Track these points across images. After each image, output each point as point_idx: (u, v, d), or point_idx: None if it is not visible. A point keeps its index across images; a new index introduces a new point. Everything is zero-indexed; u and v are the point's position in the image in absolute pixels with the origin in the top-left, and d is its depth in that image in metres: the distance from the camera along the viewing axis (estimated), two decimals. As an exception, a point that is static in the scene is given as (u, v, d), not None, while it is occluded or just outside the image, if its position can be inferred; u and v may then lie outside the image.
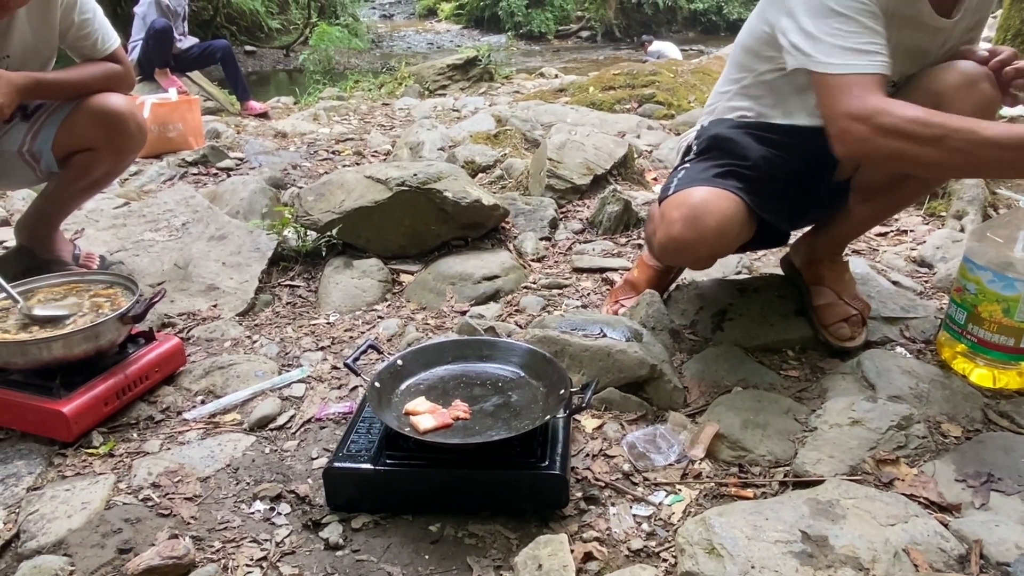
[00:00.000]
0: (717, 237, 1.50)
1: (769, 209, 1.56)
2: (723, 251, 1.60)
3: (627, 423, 1.55)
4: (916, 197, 1.75)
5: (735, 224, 1.50)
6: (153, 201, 2.78)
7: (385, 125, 4.74)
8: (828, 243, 1.86)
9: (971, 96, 1.45)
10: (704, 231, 1.48)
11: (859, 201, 1.71)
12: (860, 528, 1.12)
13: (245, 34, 11.57)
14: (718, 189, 1.50)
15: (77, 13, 1.98)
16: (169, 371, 1.77)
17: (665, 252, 1.61)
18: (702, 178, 1.55)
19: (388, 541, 1.25)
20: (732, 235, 1.52)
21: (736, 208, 1.50)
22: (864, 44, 1.38)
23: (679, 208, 1.51)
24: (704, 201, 1.49)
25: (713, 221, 1.47)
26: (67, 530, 1.27)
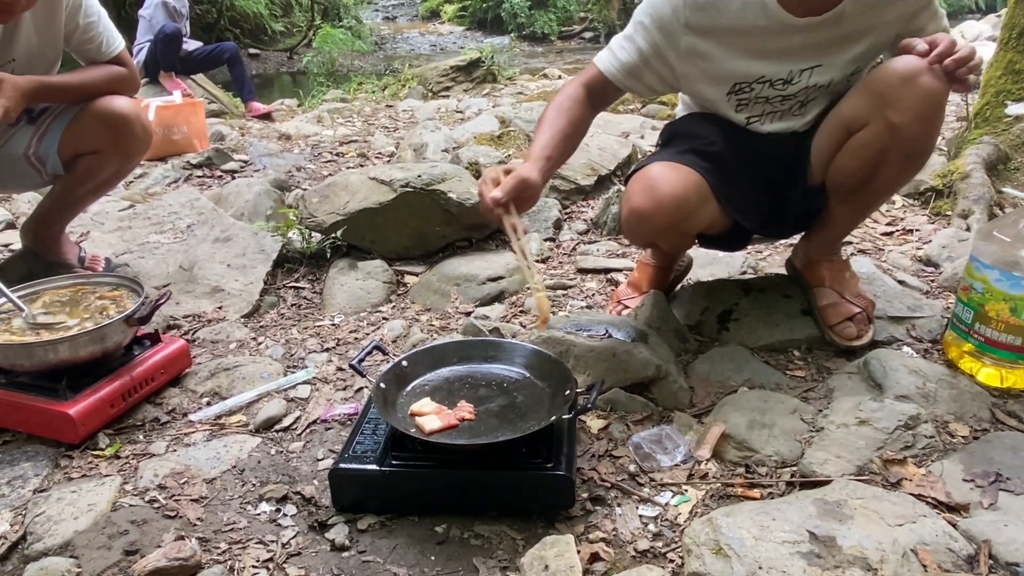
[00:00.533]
0: (673, 205, 1.54)
1: (732, 199, 1.60)
2: (684, 222, 1.61)
3: (633, 424, 1.55)
4: (889, 193, 1.75)
5: (692, 195, 1.55)
6: (158, 204, 2.78)
7: (389, 127, 4.74)
8: (821, 244, 1.86)
9: (913, 91, 1.44)
10: (660, 198, 1.53)
11: (838, 203, 1.72)
12: (868, 528, 1.12)
13: (249, 37, 11.58)
14: (674, 163, 1.57)
15: (82, 16, 1.99)
16: (175, 373, 1.77)
17: (628, 227, 1.67)
18: (661, 156, 1.62)
19: (394, 542, 1.25)
20: (690, 205, 1.56)
21: (691, 178, 1.55)
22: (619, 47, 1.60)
23: (638, 181, 1.58)
24: (660, 172, 1.56)
25: (667, 187, 1.53)
26: (73, 532, 1.27)
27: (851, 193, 1.65)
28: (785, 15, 1.48)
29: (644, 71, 1.60)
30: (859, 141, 1.55)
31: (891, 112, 1.47)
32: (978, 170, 2.56)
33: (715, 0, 1.49)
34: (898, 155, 1.53)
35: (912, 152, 1.55)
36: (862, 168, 1.58)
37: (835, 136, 1.59)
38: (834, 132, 1.60)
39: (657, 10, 1.53)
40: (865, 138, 1.53)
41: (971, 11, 15.36)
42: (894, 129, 1.48)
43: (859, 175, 1.60)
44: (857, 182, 1.61)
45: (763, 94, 1.60)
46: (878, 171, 1.57)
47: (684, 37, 1.54)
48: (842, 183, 1.64)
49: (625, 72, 1.60)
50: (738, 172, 1.62)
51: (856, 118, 1.54)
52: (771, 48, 1.53)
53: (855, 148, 1.56)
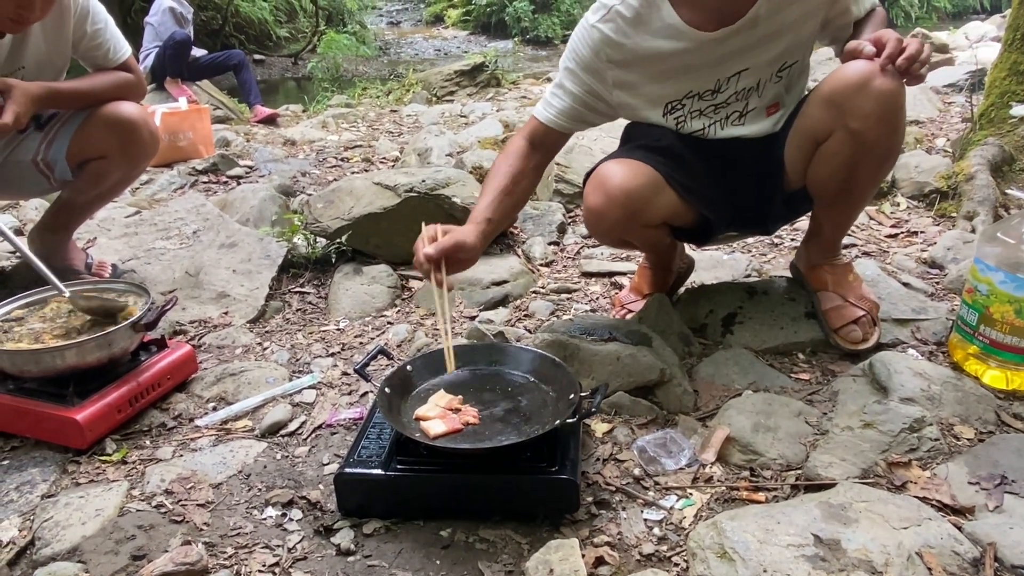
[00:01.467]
0: (624, 196, 1.55)
1: (687, 188, 1.61)
2: (640, 213, 1.61)
3: (637, 427, 1.55)
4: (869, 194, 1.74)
5: (641, 183, 1.56)
6: (164, 210, 2.80)
7: (393, 132, 4.76)
8: (817, 248, 1.86)
9: (869, 96, 1.44)
10: (610, 192, 1.56)
11: (823, 208, 1.73)
12: (873, 531, 1.11)
13: (254, 43, 11.63)
14: (623, 158, 1.61)
15: (89, 23, 2.00)
16: (181, 378, 1.78)
17: (589, 226, 1.71)
18: (612, 156, 1.66)
19: (399, 546, 1.25)
20: (642, 194, 1.57)
21: (640, 169, 1.57)
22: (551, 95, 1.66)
23: (590, 182, 1.63)
24: (609, 168, 1.59)
25: (617, 181, 1.55)
26: (81, 537, 1.28)
27: (833, 198, 1.67)
28: (698, 33, 1.50)
29: (582, 111, 1.66)
30: (827, 151, 1.56)
31: (851, 120, 1.48)
32: (983, 172, 2.56)
33: (629, 33, 1.54)
34: (867, 158, 1.54)
35: (880, 154, 1.56)
36: (835, 175, 1.59)
37: (803, 147, 1.61)
38: (801, 144, 1.61)
39: (579, 54, 1.61)
40: (832, 147, 1.55)
41: (976, 12, 15.32)
42: (857, 135, 1.49)
43: (834, 182, 1.61)
44: (835, 188, 1.63)
45: (695, 107, 1.63)
46: (852, 175, 1.58)
47: (609, 72, 1.59)
48: (821, 190, 1.66)
49: (565, 117, 1.66)
50: (696, 165, 1.64)
51: (819, 129, 1.55)
52: (694, 64, 1.56)
53: (824, 158, 1.58)
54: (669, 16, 1.51)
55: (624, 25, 1.54)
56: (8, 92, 1.82)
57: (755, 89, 1.61)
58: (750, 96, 1.62)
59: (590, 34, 1.58)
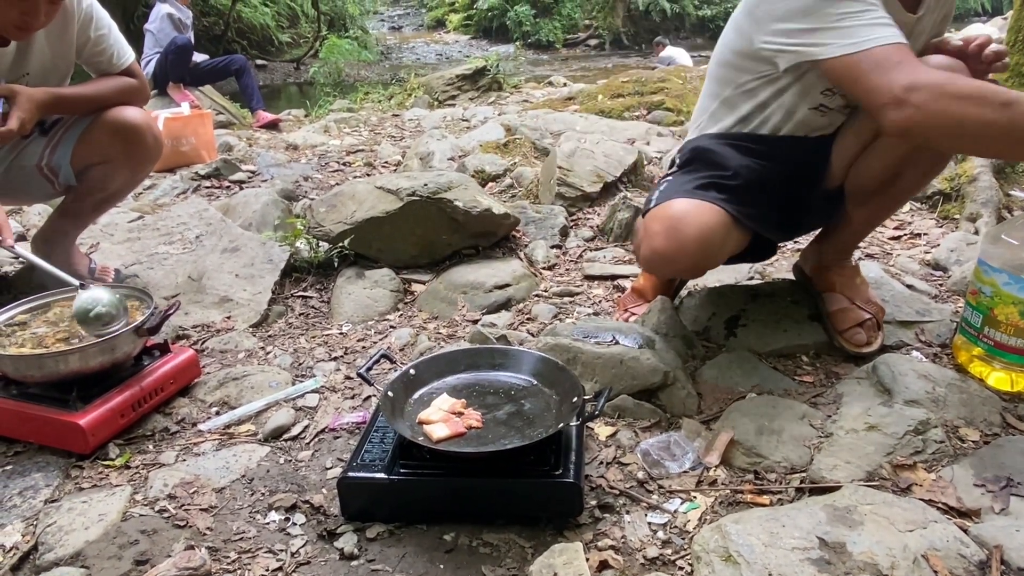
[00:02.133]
0: (698, 247, 1.51)
1: (755, 218, 1.57)
2: (707, 262, 1.61)
3: (641, 430, 1.54)
4: (912, 193, 1.73)
5: (716, 234, 1.51)
6: (167, 214, 2.80)
7: (395, 136, 4.76)
8: (834, 249, 1.86)
9: None
10: (684, 242, 1.50)
11: (856, 205, 1.71)
12: (878, 534, 1.11)
13: (256, 48, 11.67)
14: (698, 200, 1.52)
15: (93, 29, 2.01)
16: (184, 383, 1.78)
17: (649, 265, 1.64)
18: (683, 190, 1.56)
19: (403, 550, 1.25)
20: (714, 245, 1.53)
21: (717, 218, 1.51)
22: (880, 19, 1.36)
23: (660, 221, 1.53)
24: (684, 212, 1.51)
25: (693, 231, 1.49)
26: (84, 542, 1.28)
27: (871, 195, 1.65)
28: (904, 12, 1.47)
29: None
30: (887, 142, 1.55)
31: None
32: (986, 173, 2.56)
33: None
34: (921, 159, 1.55)
35: (934, 158, 1.57)
36: (887, 168, 1.58)
37: (862, 137, 1.59)
38: (861, 133, 1.59)
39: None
40: (892, 140, 1.53)
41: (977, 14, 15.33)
42: None
43: (883, 175, 1.60)
44: (880, 183, 1.61)
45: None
46: (903, 171, 1.58)
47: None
48: (864, 184, 1.64)
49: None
50: (759, 191, 1.59)
51: None
52: None
53: (883, 148, 1.56)
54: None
55: None
56: (13, 98, 1.83)
57: None
58: None
59: None
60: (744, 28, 1.55)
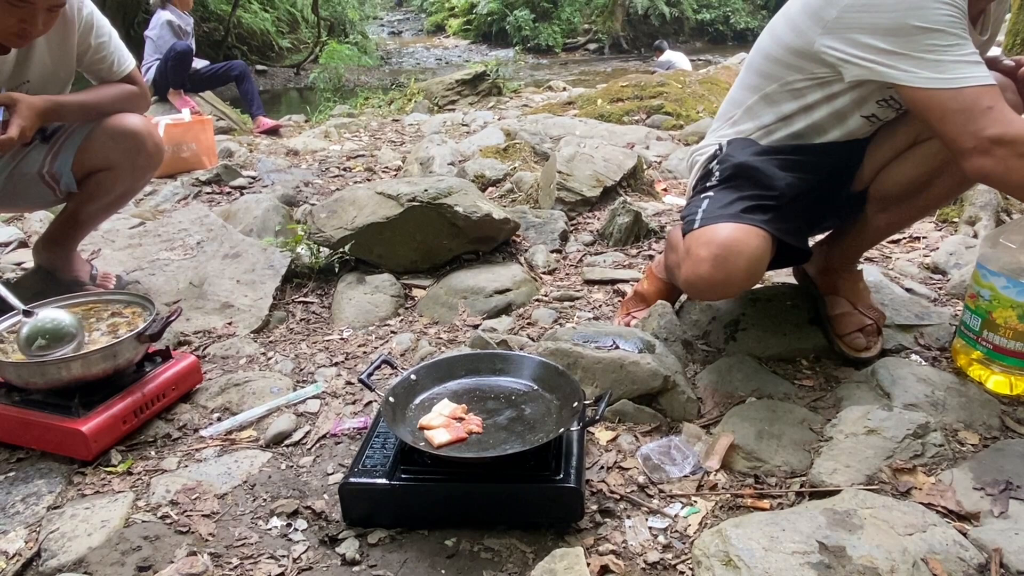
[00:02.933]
0: (747, 277, 1.48)
1: (791, 232, 1.54)
2: (751, 286, 1.62)
3: (641, 435, 1.55)
4: (936, 207, 1.72)
5: (764, 261, 1.49)
6: (168, 220, 2.81)
7: (395, 141, 4.77)
8: (844, 254, 1.85)
9: None
10: (734, 271, 1.44)
11: (876, 211, 1.70)
12: (878, 538, 1.11)
13: (256, 54, 11.69)
14: (747, 226, 1.45)
15: (93, 37, 2.02)
16: (186, 389, 1.78)
17: (693, 289, 1.57)
18: (729, 213, 1.50)
19: (404, 556, 1.25)
20: (761, 272, 1.53)
21: (765, 245, 1.46)
22: (970, 56, 1.34)
23: (707, 247, 1.46)
24: (734, 240, 1.44)
25: (744, 262, 1.44)
26: (87, 548, 1.28)
27: (895, 201, 1.64)
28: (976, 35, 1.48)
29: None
30: (923, 150, 1.55)
31: None
32: (984, 177, 2.56)
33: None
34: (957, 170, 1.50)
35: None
36: (920, 176, 1.57)
37: (898, 143, 1.58)
38: (898, 138, 1.58)
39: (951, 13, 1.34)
40: (930, 148, 1.53)
41: (976, 17, 15.34)
42: None
43: (914, 183, 1.59)
44: (908, 190, 1.61)
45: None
46: (934, 181, 1.57)
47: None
48: (891, 190, 1.63)
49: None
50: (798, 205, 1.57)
51: (925, 128, 1.51)
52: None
53: (919, 156, 1.56)
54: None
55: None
56: (13, 106, 1.84)
57: None
58: None
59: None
60: (803, 27, 1.50)
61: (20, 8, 1.75)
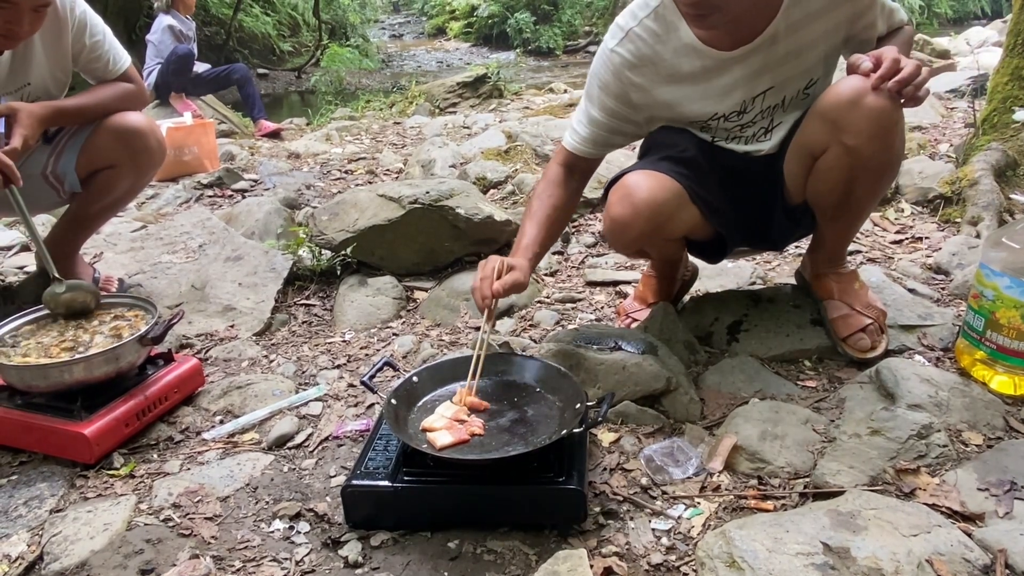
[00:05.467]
0: (650, 210, 1.56)
1: (707, 202, 1.62)
2: (664, 227, 1.62)
3: (644, 436, 1.55)
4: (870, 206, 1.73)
5: (668, 196, 1.57)
6: (170, 224, 2.81)
7: (397, 144, 4.78)
8: (823, 258, 1.86)
9: (861, 114, 1.44)
10: (637, 204, 1.56)
11: (825, 221, 1.72)
12: (882, 539, 1.11)
13: (257, 57, 11.69)
14: (648, 170, 1.60)
15: (88, 36, 2.03)
16: (188, 392, 1.78)
17: (611, 236, 1.70)
18: (637, 167, 1.64)
19: (407, 558, 1.25)
20: (668, 208, 1.58)
21: (666, 183, 1.57)
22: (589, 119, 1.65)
23: (615, 192, 1.61)
24: (635, 180, 1.59)
25: (644, 194, 1.55)
26: (90, 551, 1.28)
27: (834, 211, 1.67)
28: (717, 52, 1.51)
29: (608, 136, 1.67)
30: (824, 165, 1.56)
31: (845, 136, 1.47)
32: (987, 176, 2.56)
33: (649, 56, 1.55)
34: (863, 174, 1.54)
35: (876, 169, 1.55)
36: (834, 190, 1.59)
37: (801, 161, 1.61)
38: (799, 158, 1.61)
39: (602, 79, 1.61)
40: (828, 162, 1.55)
41: (977, 17, 15.36)
42: (852, 151, 1.49)
43: (833, 196, 1.61)
44: (834, 202, 1.63)
45: (722, 127, 1.63)
46: (850, 190, 1.58)
47: (633, 95, 1.60)
48: (821, 204, 1.66)
49: (591, 144, 1.68)
50: (713, 180, 1.65)
51: (815, 143, 1.55)
52: (717, 85, 1.56)
53: (822, 172, 1.58)
54: (687, 36, 1.51)
55: (643, 47, 1.55)
56: (14, 116, 1.84)
57: (780, 106, 1.61)
58: (775, 112, 1.62)
59: (610, 59, 1.59)
60: None
61: (4, 9, 1.74)
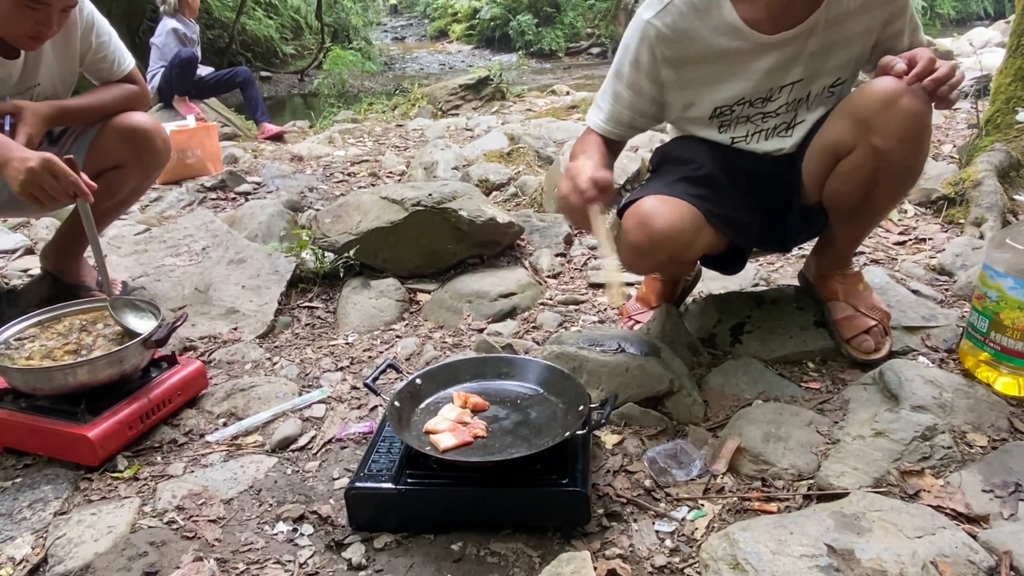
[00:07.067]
0: (669, 240, 1.52)
1: (724, 218, 1.58)
2: (682, 254, 1.60)
3: (647, 438, 1.54)
4: (888, 210, 1.74)
5: (686, 226, 1.52)
6: (173, 227, 2.82)
7: (399, 146, 4.78)
8: (829, 259, 1.86)
9: (894, 115, 1.43)
10: (655, 234, 1.51)
11: (838, 222, 1.71)
12: (886, 541, 1.11)
13: (260, 60, 11.72)
14: (665, 196, 1.54)
15: (94, 36, 2.04)
16: (191, 394, 1.79)
17: (627, 262, 1.65)
18: (654, 188, 1.59)
19: (411, 560, 1.25)
20: (685, 237, 1.54)
21: (685, 211, 1.53)
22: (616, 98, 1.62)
23: (632, 218, 1.56)
24: (652, 207, 1.52)
25: (662, 223, 1.50)
26: (94, 554, 1.28)
27: (850, 213, 1.66)
28: (756, 34, 1.50)
29: (634, 116, 1.65)
30: (848, 166, 1.55)
31: (875, 137, 1.47)
32: (990, 177, 2.55)
33: (686, 31, 1.52)
34: (887, 177, 1.54)
35: (901, 173, 1.56)
36: (854, 192, 1.59)
37: (823, 160, 1.60)
38: (822, 157, 1.60)
39: (634, 54, 1.58)
40: (854, 163, 1.54)
41: (979, 18, 15.34)
42: (880, 154, 1.48)
43: (852, 197, 1.61)
44: (853, 203, 1.62)
45: (744, 113, 1.62)
46: (871, 192, 1.58)
47: (663, 72, 1.57)
48: (838, 205, 1.65)
49: (615, 123, 1.66)
50: (730, 192, 1.62)
51: (841, 143, 1.54)
52: (750, 69, 1.55)
53: (845, 173, 1.57)
54: (729, 14, 1.49)
55: (681, 20, 1.51)
56: (18, 114, 1.85)
57: (804, 101, 1.60)
58: (799, 108, 1.61)
59: (645, 31, 1.54)
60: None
61: (36, 10, 1.76)
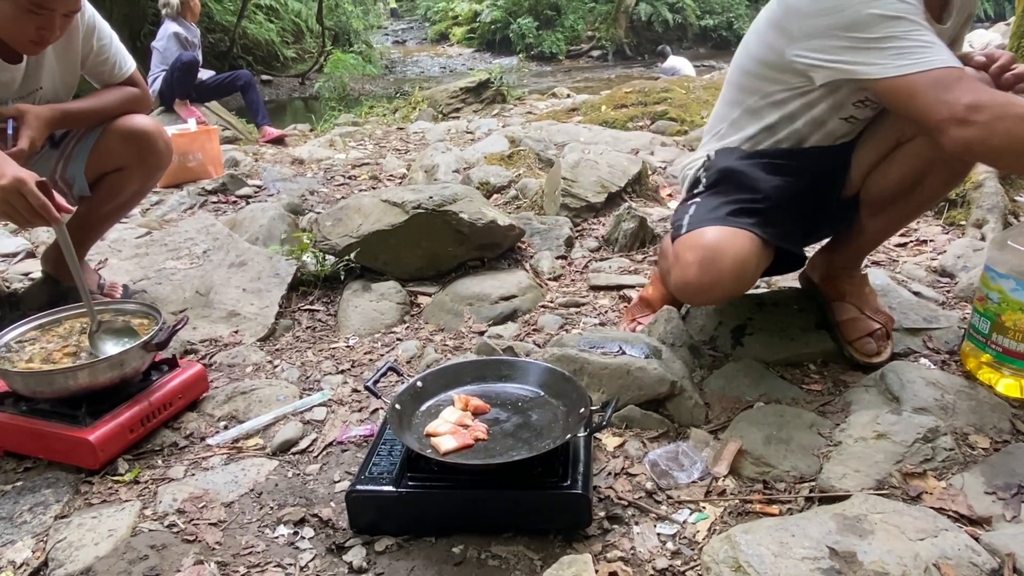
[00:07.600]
0: (734, 278, 1.48)
1: (783, 236, 1.56)
2: (741, 289, 1.60)
3: (648, 441, 1.54)
4: (928, 206, 1.74)
5: (751, 263, 1.49)
6: (174, 230, 2.82)
7: (400, 149, 4.78)
8: (845, 258, 1.85)
9: None
10: (721, 273, 1.47)
11: (869, 215, 1.71)
12: (889, 543, 1.10)
13: (261, 63, 11.75)
14: (732, 228, 1.49)
15: (96, 39, 2.04)
16: (192, 397, 1.78)
17: (682, 294, 1.60)
18: (714, 217, 1.53)
19: (411, 563, 1.25)
20: (749, 274, 1.51)
21: (752, 246, 1.48)
22: (931, 41, 1.35)
23: (694, 250, 1.49)
24: (718, 242, 1.47)
25: (729, 262, 1.46)
26: (94, 557, 1.28)
27: (886, 204, 1.65)
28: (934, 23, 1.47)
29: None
30: (907, 151, 1.55)
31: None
32: (991, 179, 2.55)
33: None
34: (941, 169, 1.55)
35: (957, 168, 1.57)
36: (905, 178, 1.58)
37: (881, 146, 1.59)
38: (881, 142, 1.59)
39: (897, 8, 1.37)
40: (914, 148, 1.54)
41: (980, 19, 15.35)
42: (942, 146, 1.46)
43: (901, 185, 1.60)
44: (897, 192, 1.62)
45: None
46: (921, 181, 1.58)
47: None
48: (880, 193, 1.64)
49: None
50: (786, 209, 1.58)
51: (908, 129, 1.53)
52: None
53: (903, 157, 1.57)
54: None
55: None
56: (21, 117, 1.85)
57: None
58: None
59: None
60: (772, 40, 1.54)
61: (39, 15, 1.77)
